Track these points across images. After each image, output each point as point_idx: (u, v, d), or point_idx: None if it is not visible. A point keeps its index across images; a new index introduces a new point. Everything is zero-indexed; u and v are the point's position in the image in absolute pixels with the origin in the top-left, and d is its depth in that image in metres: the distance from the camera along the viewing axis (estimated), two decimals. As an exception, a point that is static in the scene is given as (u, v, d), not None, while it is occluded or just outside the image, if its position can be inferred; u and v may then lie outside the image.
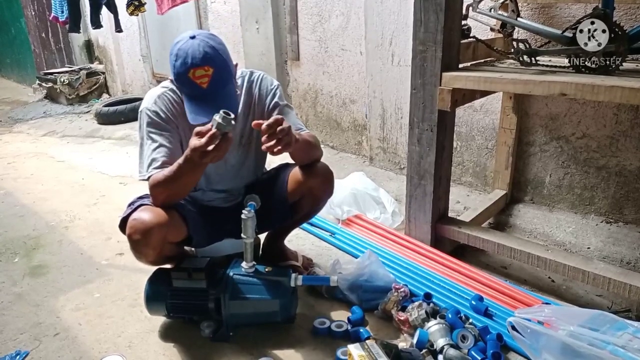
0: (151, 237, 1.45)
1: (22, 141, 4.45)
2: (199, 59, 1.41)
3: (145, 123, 1.55)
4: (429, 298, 1.69)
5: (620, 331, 1.32)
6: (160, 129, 1.54)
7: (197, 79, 1.42)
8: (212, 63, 1.42)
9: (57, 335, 1.69)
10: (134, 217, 1.48)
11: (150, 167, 1.50)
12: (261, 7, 3.54)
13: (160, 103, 1.57)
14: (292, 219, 1.83)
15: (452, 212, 2.30)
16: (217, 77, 1.43)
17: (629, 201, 2.18)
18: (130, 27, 5.09)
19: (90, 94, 5.90)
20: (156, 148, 1.52)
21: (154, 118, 1.55)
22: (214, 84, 1.43)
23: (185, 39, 1.44)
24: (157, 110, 1.55)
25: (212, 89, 1.44)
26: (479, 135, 2.61)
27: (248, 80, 1.70)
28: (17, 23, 7.50)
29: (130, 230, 1.47)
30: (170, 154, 1.51)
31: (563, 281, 1.93)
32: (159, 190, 1.48)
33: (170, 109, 1.57)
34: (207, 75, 1.42)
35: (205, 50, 1.42)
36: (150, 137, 1.53)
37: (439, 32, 1.74)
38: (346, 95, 3.31)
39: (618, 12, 1.96)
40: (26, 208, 2.83)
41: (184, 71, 1.42)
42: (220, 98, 1.45)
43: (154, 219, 1.46)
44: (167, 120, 1.56)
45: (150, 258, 1.54)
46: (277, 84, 1.73)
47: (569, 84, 1.49)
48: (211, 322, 1.61)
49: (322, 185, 1.74)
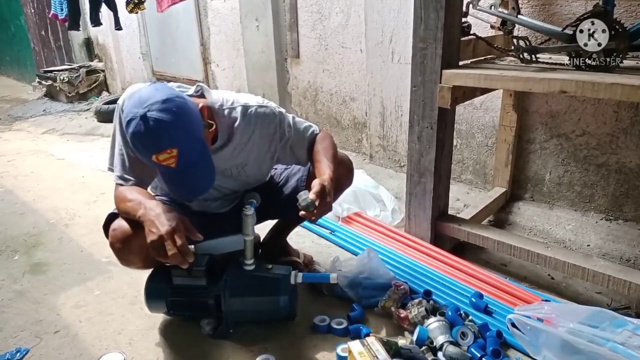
0: (132, 244, 1.42)
1: (22, 139, 4.45)
2: (159, 144, 1.24)
3: (117, 120, 1.48)
4: (428, 295, 1.70)
5: (620, 328, 1.33)
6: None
7: (162, 162, 1.26)
8: (173, 143, 1.25)
9: (57, 332, 1.69)
10: (113, 227, 1.46)
11: (115, 173, 1.50)
12: (261, 5, 3.53)
13: None
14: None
15: (452, 210, 2.30)
16: (183, 154, 1.27)
17: (628, 199, 2.18)
18: (129, 25, 5.09)
19: (90, 92, 5.89)
20: (121, 153, 1.48)
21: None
22: (182, 161, 1.27)
23: (136, 119, 1.23)
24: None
25: (181, 167, 1.28)
26: (479, 132, 2.61)
27: (242, 118, 1.52)
28: (17, 21, 7.49)
29: (111, 239, 1.45)
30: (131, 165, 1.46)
31: (563, 278, 1.94)
32: (119, 209, 1.46)
33: None
34: (172, 157, 1.25)
35: (161, 132, 1.23)
36: (118, 137, 1.49)
37: (439, 29, 1.74)
38: (346, 93, 3.30)
39: (618, 9, 1.96)
40: (26, 206, 2.83)
41: (147, 157, 1.27)
42: (193, 173, 1.33)
43: (133, 226, 1.41)
44: None
45: (138, 265, 1.53)
46: (277, 114, 1.58)
47: (569, 82, 1.49)
48: (211, 319, 1.61)
49: (346, 173, 1.74)
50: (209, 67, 4.49)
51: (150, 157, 1.26)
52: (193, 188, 1.36)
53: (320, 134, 1.66)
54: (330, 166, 1.50)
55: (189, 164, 1.29)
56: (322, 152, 1.56)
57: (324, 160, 1.53)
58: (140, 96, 1.28)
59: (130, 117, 1.25)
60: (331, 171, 1.47)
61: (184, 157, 1.27)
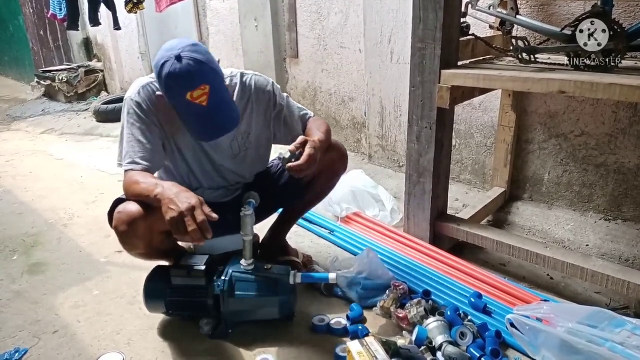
0: (137, 227, 1.44)
1: (20, 139, 4.45)
2: (195, 80, 1.36)
3: (126, 112, 1.53)
4: (428, 295, 1.70)
5: (619, 328, 1.33)
6: (139, 121, 1.52)
7: (195, 99, 1.37)
8: (206, 80, 1.37)
9: (56, 332, 1.69)
10: (119, 210, 1.47)
11: (125, 161, 1.51)
12: (260, 5, 3.53)
13: (144, 94, 1.53)
14: (303, 199, 1.85)
15: (451, 210, 2.30)
16: (214, 91, 1.39)
17: (627, 199, 2.18)
18: (128, 25, 5.09)
19: (88, 92, 5.89)
20: (131, 141, 1.51)
21: (135, 109, 1.52)
22: (212, 99, 1.39)
23: (171, 60, 1.35)
24: (139, 101, 1.52)
25: (212, 104, 1.39)
26: (478, 133, 2.61)
27: (240, 82, 1.66)
28: (16, 21, 7.49)
29: (116, 222, 1.46)
30: (144, 149, 1.50)
31: (562, 278, 1.94)
32: (128, 194, 1.48)
33: (152, 101, 1.53)
34: (205, 94, 1.37)
35: (196, 69, 1.36)
36: (128, 128, 1.52)
37: (438, 29, 1.74)
38: (345, 93, 3.30)
39: (617, 9, 1.96)
40: (25, 206, 2.83)
41: (181, 94, 1.37)
42: (222, 111, 1.44)
43: (138, 209, 1.44)
44: (148, 113, 1.52)
45: (140, 249, 1.53)
46: (271, 82, 1.71)
47: (568, 82, 1.49)
48: (210, 319, 1.61)
49: (340, 159, 1.77)
50: (208, 67, 4.48)
51: (185, 95, 1.35)
52: (220, 126, 1.45)
53: (314, 117, 1.75)
54: (320, 134, 1.58)
55: (218, 101, 1.41)
56: (314, 128, 1.66)
57: (315, 132, 1.61)
58: (169, 45, 1.41)
59: (163, 60, 1.36)
60: (321, 134, 1.57)
61: (214, 94, 1.38)
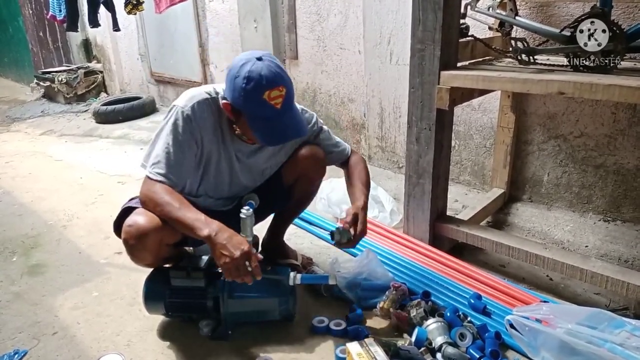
0: (147, 241, 1.44)
1: (20, 140, 4.45)
2: (275, 80, 1.39)
3: (172, 120, 1.48)
4: (427, 296, 1.70)
5: (618, 329, 1.33)
6: (183, 134, 1.47)
7: (272, 99, 1.40)
8: (284, 83, 1.42)
9: (55, 334, 1.69)
10: (128, 223, 1.45)
11: (154, 168, 1.46)
12: (259, 6, 3.53)
13: (198, 110, 1.49)
14: (290, 202, 1.86)
15: (451, 211, 2.30)
16: (288, 96, 1.43)
17: (626, 199, 2.18)
18: (128, 26, 5.09)
19: (88, 93, 5.88)
20: (167, 151, 1.46)
21: (183, 122, 1.47)
22: (286, 103, 1.43)
23: (252, 60, 1.40)
24: (190, 115, 1.47)
25: (284, 108, 1.43)
26: (477, 134, 2.61)
27: None
28: (15, 22, 7.49)
29: (125, 235, 1.45)
30: (177, 164, 1.47)
31: (561, 279, 1.94)
32: (150, 206, 1.45)
33: (203, 118, 1.51)
34: (281, 96, 1.41)
35: (276, 70, 1.41)
36: (169, 137, 1.47)
37: (438, 30, 1.74)
38: (344, 94, 3.31)
39: (616, 10, 1.96)
40: (24, 207, 2.83)
41: (259, 93, 1.39)
42: (290, 117, 1.47)
43: (149, 223, 1.43)
44: (194, 129, 1.49)
45: (148, 261, 1.55)
46: (315, 118, 1.75)
47: (567, 83, 1.49)
48: (210, 320, 1.61)
49: (313, 166, 1.76)
50: (207, 69, 4.49)
51: (262, 94, 1.38)
52: (289, 131, 1.49)
53: (356, 155, 1.81)
54: (364, 192, 1.65)
55: (288, 107, 1.45)
56: (356, 179, 1.71)
57: (358, 185, 1.68)
58: (244, 53, 1.45)
59: (244, 61, 1.40)
60: (365, 197, 1.63)
61: (288, 99, 1.44)
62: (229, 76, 1.43)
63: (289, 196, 1.83)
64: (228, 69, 1.45)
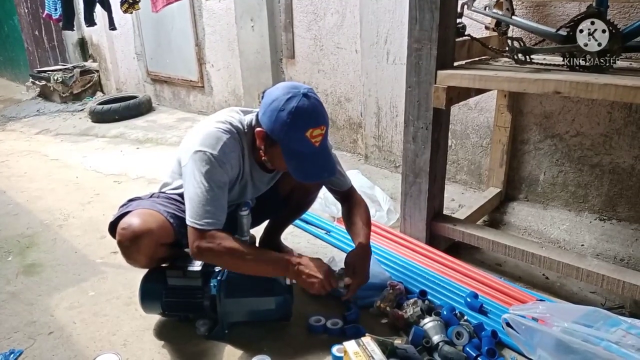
0: (141, 243, 1.45)
1: (15, 139, 4.43)
2: (318, 119, 1.40)
3: (204, 167, 1.43)
4: (424, 295, 1.70)
5: (614, 327, 1.33)
6: (220, 179, 1.46)
7: (313, 138, 1.40)
8: (325, 122, 1.43)
9: (51, 333, 1.68)
10: (122, 225, 1.47)
11: (205, 220, 1.42)
12: (256, 5, 3.53)
13: (227, 150, 1.47)
14: (286, 209, 1.87)
15: (447, 210, 2.31)
16: (326, 135, 1.45)
17: (622, 198, 2.19)
18: (124, 25, 5.06)
19: (84, 92, 5.86)
20: (213, 200, 1.43)
21: (217, 167, 1.44)
22: (324, 141, 1.44)
23: (299, 96, 1.38)
24: (222, 159, 1.45)
25: (322, 147, 1.44)
26: (474, 133, 2.62)
27: None
28: (10, 21, 7.45)
29: (119, 237, 1.47)
30: (220, 206, 1.46)
31: (557, 278, 1.94)
32: (210, 256, 1.46)
33: (232, 157, 1.50)
34: (321, 135, 1.41)
35: (321, 109, 1.42)
36: (208, 184, 1.43)
37: (434, 30, 1.74)
38: (341, 93, 3.31)
39: (612, 10, 1.97)
40: (20, 206, 2.81)
41: (302, 130, 1.38)
42: (325, 155, 1.48)
43: (144, 225, 1.45)
44: (227, 170, 1.48)
45: (143, 263, 1.55)
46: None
47: (563, 82, 1.50)
48: (206, 320, 1.61)
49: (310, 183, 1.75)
50: (204, 68, 4.48)
51: (305, 131, 1.38)
52: (324, 170, 1.50)
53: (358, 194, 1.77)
54: (366, 234, 1.63)
55: (325, 146, 1.47)
56: (359, 216, 1.68)
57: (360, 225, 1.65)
58: (286, 84, 1.44)
59: (290, 95, 1.38)
60: (366, 240, 1.62)
61: (325, 138, 1.45)
62: (270, 107, 1.40)
63: (284, 204, 1.84)
64: (269, 97, 1.42)
